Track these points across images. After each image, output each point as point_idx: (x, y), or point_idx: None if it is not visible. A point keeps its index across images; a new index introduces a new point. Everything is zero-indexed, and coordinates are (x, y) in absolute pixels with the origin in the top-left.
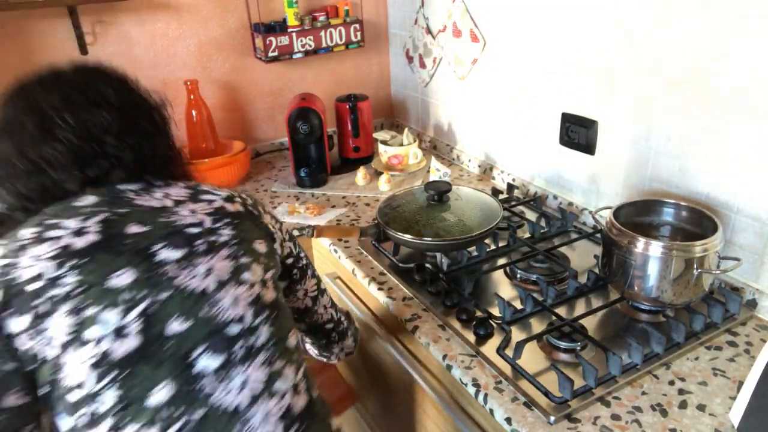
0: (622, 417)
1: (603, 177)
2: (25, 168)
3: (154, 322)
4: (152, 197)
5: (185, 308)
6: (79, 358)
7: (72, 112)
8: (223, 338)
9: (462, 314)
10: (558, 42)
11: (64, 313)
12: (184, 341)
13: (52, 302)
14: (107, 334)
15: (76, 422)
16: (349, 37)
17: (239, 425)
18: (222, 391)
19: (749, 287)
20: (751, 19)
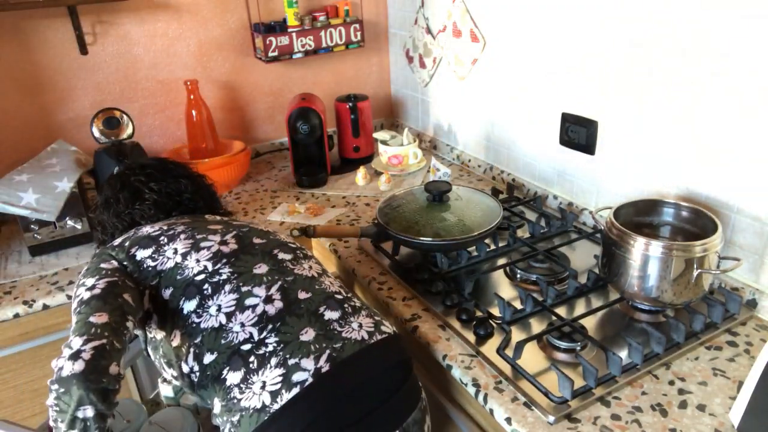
0: (622, 417)
1: (603, 177)
2: (122, 227)
3: (245, 238)
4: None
5: (261, 234)
6: (198, 257)
7: (155, 181)
8: (288, 248)
9: (462, 314)
10: (558, 42)
11: (183, 239)
12: (266, 246)
13: (170, 237)
14: (216, 244)
15: (203, 295)
16: (349, 37)
17: (317, 285)
18: (299, 269)
19: (749, 287)
20: (750, 19)
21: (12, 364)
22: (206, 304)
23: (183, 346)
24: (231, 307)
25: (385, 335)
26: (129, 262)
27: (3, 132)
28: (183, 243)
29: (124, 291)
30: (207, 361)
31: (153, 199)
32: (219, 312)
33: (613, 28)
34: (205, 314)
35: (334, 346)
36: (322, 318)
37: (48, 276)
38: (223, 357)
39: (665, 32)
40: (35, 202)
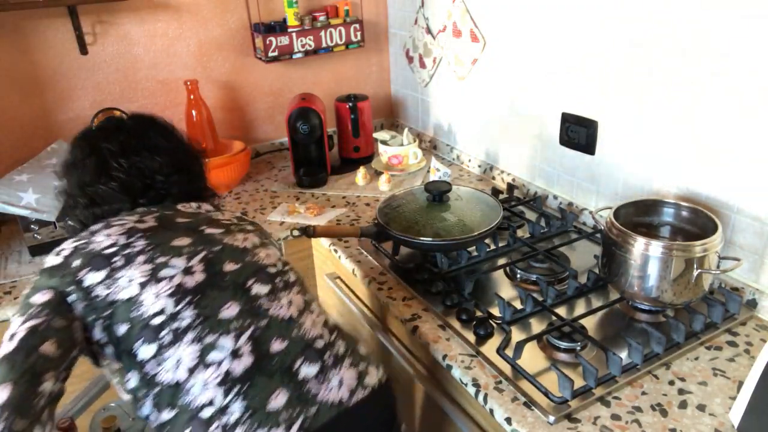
0: (622, 417)
1: (603, 177)
2: (83, 202)
3: (215, 262)
4: (219, 227)
5: (236, 254)
6: (156, 291)
7: (126, 155)
8: (266, 275)
9: (462, 314)
10: (558, 42)
11: (141, 263)
12: (239, 276)
13: (127, 258)
14: (179, 273)
15: (160, 342)
16: (349, 37)
17: (295, 330)
18: (276, 308)
19: (749, 287)
20: (750, 19)
21: None
22: (164, 354)
23: (140, 392)
24: (192, 361)
25: (368, 390)
26: (75, 290)
27: (3, 132)
28: (140, 269)
29: (44, 339)
30: (166, 417)
31: (120, 178)
32: (178, 367)
33: (613, 28)
34: (161, 368)
35: (307, 412)
36: (296, 377)
37: None
38: (184, 418)
39: (665, 32)
40: (35, 202)
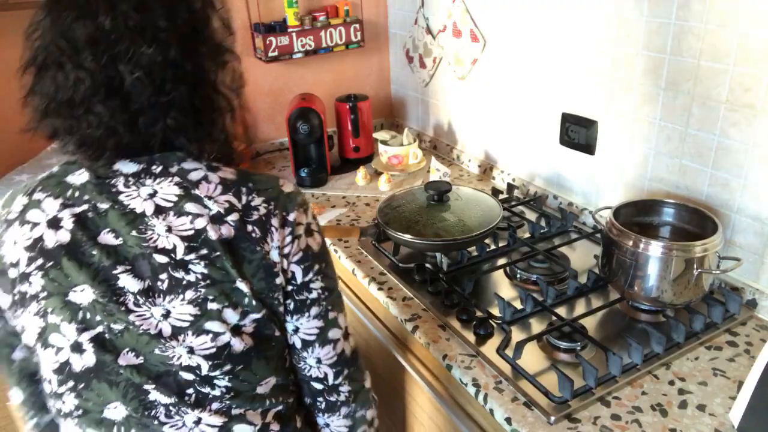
0: (622, 417)
1: (603, 177)
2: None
3: (109, 347)
4: (140, 191)
5: (139, 345)
6: (46, 358)
7: (93, 46)
8: (174, 381)
9: (462, 314)
10: (558, 42)
11: (33, 313)
12: (137, 374)
13: (23, 297)
14: (65, 347)
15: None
16: (349, 37)
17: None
18: (172, 427)
19: (749, 287)
20: (750, 18)
21: None
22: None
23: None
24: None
25: None
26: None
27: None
28: (31, 321)
29: None
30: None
31: (70, 83)
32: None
33: (613, 28)
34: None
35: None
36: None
37: None
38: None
39: (665, 32)
40: None
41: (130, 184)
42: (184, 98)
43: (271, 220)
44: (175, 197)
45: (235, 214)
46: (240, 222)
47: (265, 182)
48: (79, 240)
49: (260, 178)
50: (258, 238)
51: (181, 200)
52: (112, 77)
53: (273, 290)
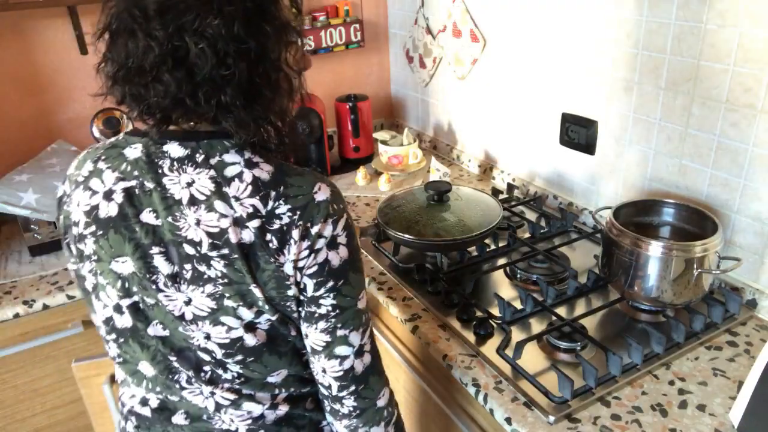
0: (622, 417)
1: (603, 177)
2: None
3: (141, 316)
4: (180, 179)
5: (166, 320)
6: (98, 309)
7: (161, 15)
8: (194, 357)
9: (462, 314)
10: (558, 42)
11: (87, 269)
12: (162, 344)
13: (81, 254)
14: (109, 305)
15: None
16: (349, 37)
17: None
18: (191, 393)
19: (749, 287)
20: (751, 18)
21: (12, 364)
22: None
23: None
24: (120, 377)
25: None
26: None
27: (3, 132)
28: (88, 275)
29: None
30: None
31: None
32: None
33: (613, 28)
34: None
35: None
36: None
37: (48, 276)
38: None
39: (665, 32)
40: (35, 202)
41: (174, 169)
42: (243, 74)
43: (292, 231)
44: (208, 192)
45: (257, 220)
46: (260, 229)
47: (297, 187)
48: (126, 214)
49: (295, 181)
50: (275, 249)
51: (212, 196)
52: (178, 47)
53: (285, 300)
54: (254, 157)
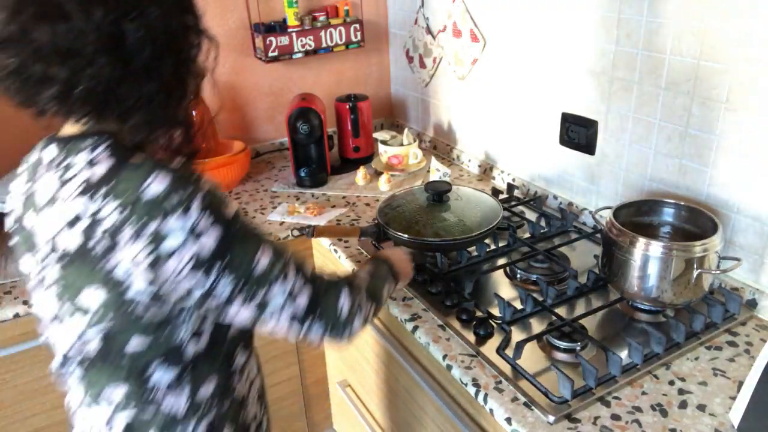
0: (622, 417)
1: (603, 177)
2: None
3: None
4: (48, 181)
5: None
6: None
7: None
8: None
9: (462, 314)
10: (558, 42)
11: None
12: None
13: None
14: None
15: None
16: (349, 37)
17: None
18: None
19: (749, 287)
20: (750, 19)
21: (12, 364)
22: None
23: None
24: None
25: None
26: None
27: (3, 132)
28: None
29: None
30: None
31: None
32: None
33: (613, 28)
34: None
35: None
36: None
37: None
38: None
39: (665, 32)
40: None
41: (45, 171)
42: (169, 68)
43: (124, 230)
44: (51, 194)
45: (84, 221)
46: (86, 232)
47: (127, 181)
48: (19, 217)
49: (127, 175)
50: (103, 251)
51: (53, 199)
52: (114, 33)
53: (124, 305)
54: (101, 155)
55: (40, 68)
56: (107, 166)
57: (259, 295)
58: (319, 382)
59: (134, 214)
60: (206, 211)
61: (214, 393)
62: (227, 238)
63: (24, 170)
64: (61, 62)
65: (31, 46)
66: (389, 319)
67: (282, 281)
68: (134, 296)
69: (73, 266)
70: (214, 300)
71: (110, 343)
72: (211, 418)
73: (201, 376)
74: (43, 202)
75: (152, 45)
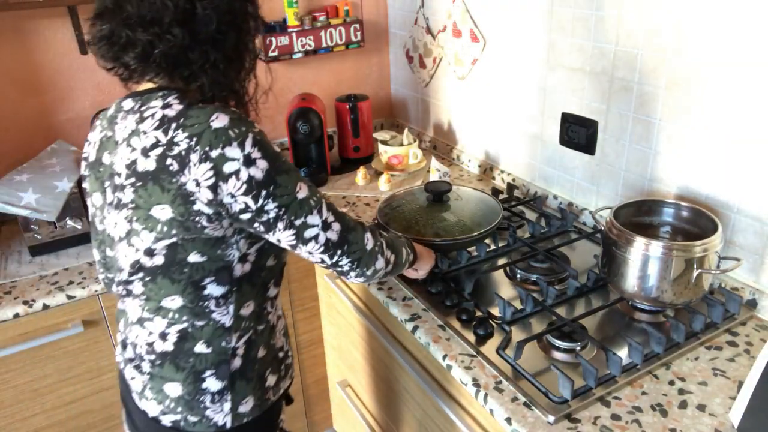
0: (622, 417)
1: (603, 177)
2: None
3: (178, 252)
4: (127, 123)
5: (108, 242)
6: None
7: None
8: (116, 270)
9: (462, 314)
10: (558, 42)
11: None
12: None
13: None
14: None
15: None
16: (349, 37)
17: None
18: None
19: (749, 287)
20: (750, 18)
21: (12, 364)
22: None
23: None
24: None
25: None
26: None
27: (3, 132)
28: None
29: None
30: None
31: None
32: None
33: (613, 29)
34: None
35: None
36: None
37: (48, 276)
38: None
39: (665, 32)
40: (35, 202)
41: (122, 118)
42: (231, 42)
43: (191, 155)
44: (130, 131)
45: (158, 148)
46: (161, 156)
47: (195, 117)
48: (97, 158)
49: (194, 113)
50: (175, 171)
51: (132, 134)
52: (188, 9)
53: (192, 215)
54: (172, 101)
55: (127, 33)
56: (179, 107)
57: (297, 221)
58: (319, 382)
59: (201, 142)
60: (257, 146)
61: (251, 315)
62: (273, 171)
63: (98, 124)
64: (144, 29)
65: (121, 16)
66: (389, 319)
67: (317, 212)
68: (197, 213)
69: (146, 188)
70: (261, 221)
71: (173, 257)
72: (249, 336)
73: (243, 298)
74: (122, 138)
75: (217, 21)
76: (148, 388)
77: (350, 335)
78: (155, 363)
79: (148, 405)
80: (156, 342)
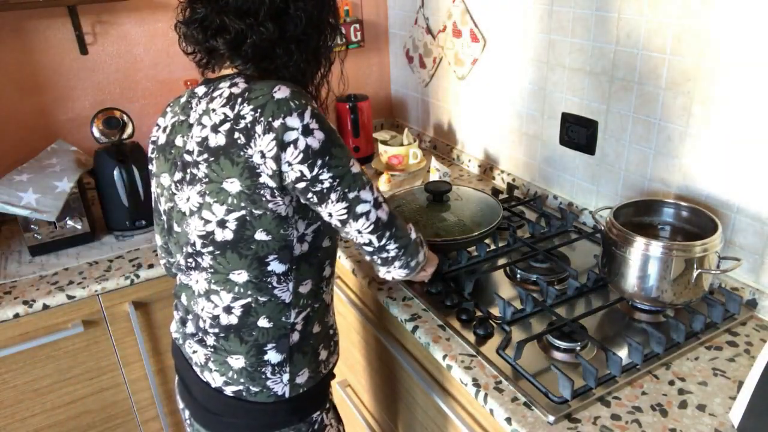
0: (622, 417)
1: (603, 177)
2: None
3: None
4: (200, 106)
5: (177, 218)
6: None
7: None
8: (185, 244)
9: (462, 314)
10: (558, 42)
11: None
12: (179, 238)
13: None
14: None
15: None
16: (349, 37)
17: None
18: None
19: (749, 287)
20: (750, 19)
21: (12, 364)
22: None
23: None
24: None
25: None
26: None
27: (3, 132)
28: (153, 182)
29: None
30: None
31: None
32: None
33: (613, 29)
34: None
35: None
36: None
37: (48, 276)
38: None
39: (665, 32)
40: (35, 202)
41: (195, 103)
42: (313, 43)
43: (256, 127)
44: (201, 111)
45: (227, 124)
46: (229, 131)
47: (258, 90)
48: (169, 141)
49: (258, 86)
50: (243, 144)
51: (203, 113)
52: (281, 8)
53: (259, 188)
54: (239, 81)
55: (222, 19)
56: (244, 85)
57: (351, 194)
58: None
59: (264, 112)
60: (315, 119)
61: (309, 293)
62: (329, 143)
63: (169, 110)
64: (239, 18)
65: (219, 4)
66: (389, 319)
67: (368, 190)
68: (262, 186)
69: (218, 162)
70: (314, 191)
71: (242, 233)
72: (307, 312)
73: (301, 276)
74: (195, 120)
75: (305, 23)
76: (211, 361)
77: (350, 335)
78: (219, 336)
79: (211, 377)
80: (221, 315)
